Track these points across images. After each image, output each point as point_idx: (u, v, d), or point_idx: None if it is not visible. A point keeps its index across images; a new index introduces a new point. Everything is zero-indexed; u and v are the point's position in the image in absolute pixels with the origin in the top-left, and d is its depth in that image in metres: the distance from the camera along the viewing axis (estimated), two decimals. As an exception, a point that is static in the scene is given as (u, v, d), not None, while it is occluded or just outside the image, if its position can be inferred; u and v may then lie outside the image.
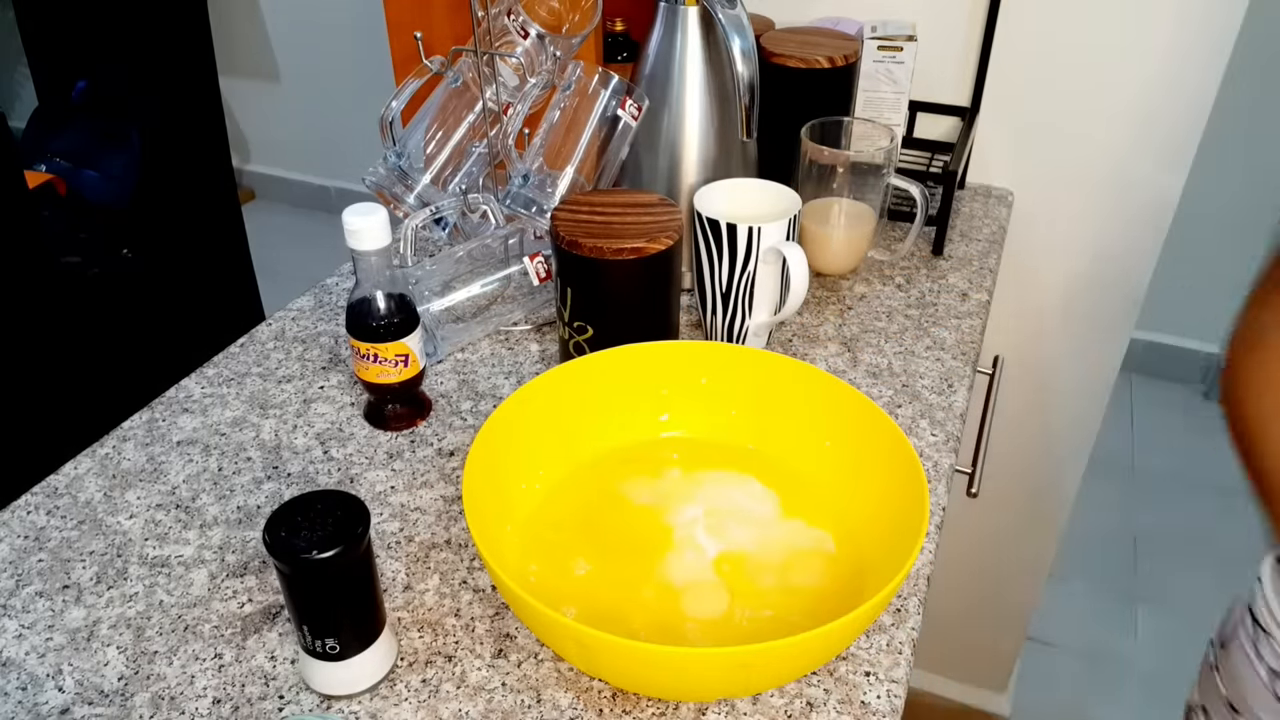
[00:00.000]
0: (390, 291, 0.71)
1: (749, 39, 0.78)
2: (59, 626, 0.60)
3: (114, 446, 0.74)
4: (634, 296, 0.74)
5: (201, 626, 0.60)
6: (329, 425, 0.76)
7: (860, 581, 0.59)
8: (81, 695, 0.56)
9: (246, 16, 2.89)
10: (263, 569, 0.64)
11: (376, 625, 0.55)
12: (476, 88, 0.90)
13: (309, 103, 3.00)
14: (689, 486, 0.67)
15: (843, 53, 0.95)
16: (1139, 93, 1.05)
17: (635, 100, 0.85)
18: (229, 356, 0.84)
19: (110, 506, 0.69)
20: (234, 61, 2.90)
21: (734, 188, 0.81)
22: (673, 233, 0.71)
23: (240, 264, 2.00)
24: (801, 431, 0.67)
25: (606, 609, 0.58)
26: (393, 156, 0.91)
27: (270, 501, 0.69)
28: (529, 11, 0.89)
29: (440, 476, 0.72)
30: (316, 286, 0.94)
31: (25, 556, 0.65)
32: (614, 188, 0.89)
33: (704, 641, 0.56)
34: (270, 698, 0.55)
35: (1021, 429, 1.32)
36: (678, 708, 0.55)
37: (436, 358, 0.83)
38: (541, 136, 0.88)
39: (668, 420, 0.71)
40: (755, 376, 0.68)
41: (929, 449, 0.75)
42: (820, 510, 0.65)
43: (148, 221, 1.79)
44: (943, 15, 1.08)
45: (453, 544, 0.66)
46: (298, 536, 0.49)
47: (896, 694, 0.56)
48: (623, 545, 0.62)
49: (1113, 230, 1.13)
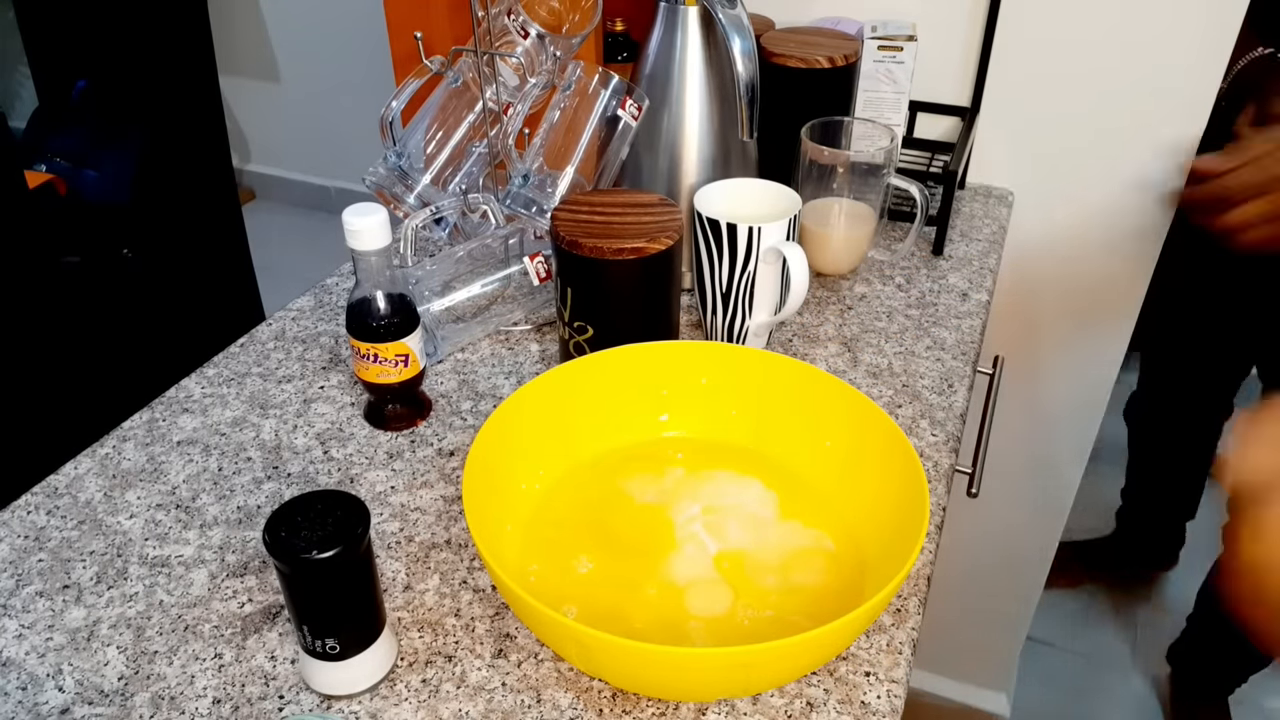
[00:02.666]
0: (390, 291, 0.71)
1: (749, 39, 0.78)
2: (59, 626, 0.60)
3: (114, 446, 0.74)
4: (634, 296, 0.74)
5: (202, 626, 0.60)
6: (329, 425, 0.77)
7: (860, 581, 0.59)
8: (82, 695, 0.56)
9: (247, 16, 2.89)
10: (263, 569, 0.64)
11: (377, 625, 0.55)
12: (477, 88, 0.90)
13: (309, 102, 3.00)
14: (690, 486, 0.67)
15: (843, 53, 0.95)
16: (1140, 92, 1.05)
17: (635, 100, 0.85)
18: (229, 356, 0.85)
19: (110, 506, 0.69)
20: (234, 61, 2.90)
21: (734, 188, 0.81)
22: (673, 233, 0.71)
23: (240, 264, 2.00)
24: (802, 431, 0.67)
25: (608, 607, 0.58)
26: (393, 156, 0.91)
27: (270, 501, 0.69)
28: (529, 11, 0.89)
29: (440, 476, 0.72)
30: (316, 286, 0.94)
31: (25, 556, 0.65)
32: (614, 188, 0.89)
33: (707, 640, 0.56)
34: (270, 698, 0.55)
35: (1022, 429, 1.32)
36: (678, 708, 0.55)
37: (436, 358, 0.83)
38: (541, 136, 0.88)
39: (668, 420, 0.71)
40: (755, 376, 0.68)
41: (929, 449, 0.75)
42: (820, 510, 0.65)
43: (148, 221, 1.79)
44: (943, 15, 1.08)
45: (453, 544, 0.66)
46: (298, 536, 0.49)
47: (896, 694, 0.56)
48: (624, 544, 0.62)
49: (1113, 230, 1.13)
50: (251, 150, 3.23)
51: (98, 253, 1.70)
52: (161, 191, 1.81)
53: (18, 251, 1.41)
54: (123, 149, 1.80)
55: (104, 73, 1.83)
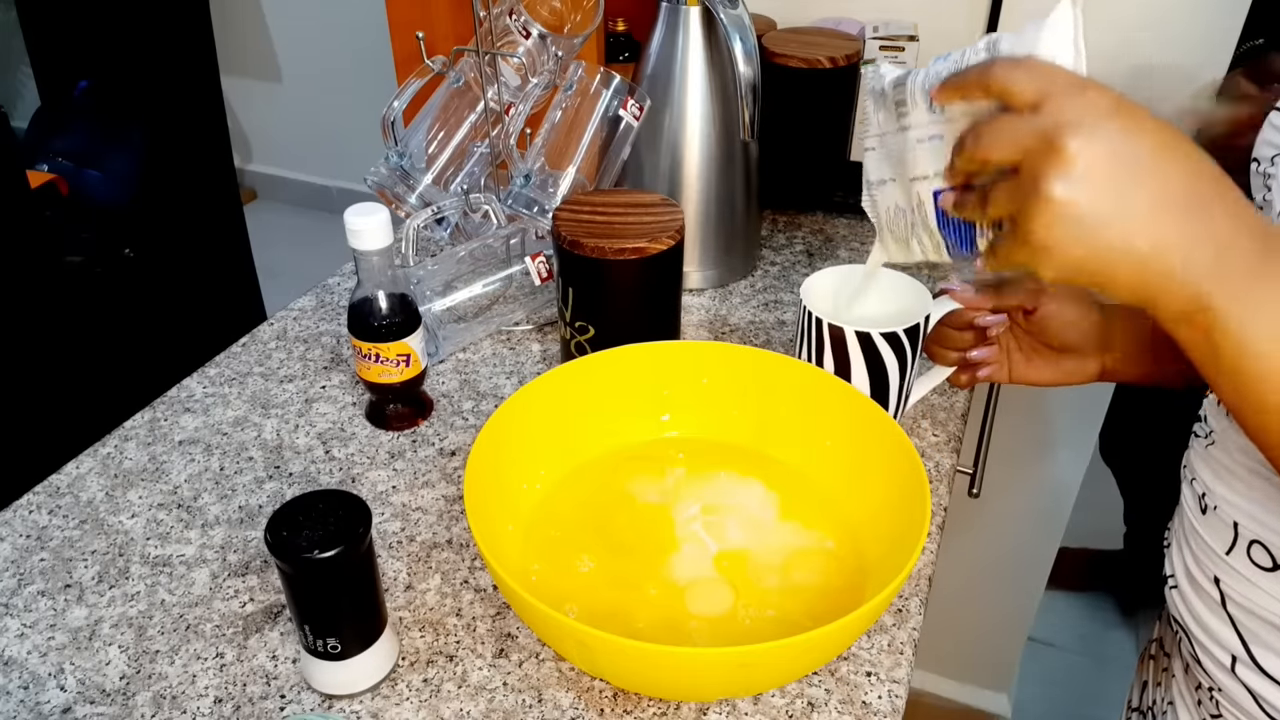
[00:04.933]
0: (392, 291, 0.71)
1: (751, 39, 0.78)
2: (61, 625, 0.60)
3: (116, 446, 0.74)
4: (635, 296, 0.74)
5: (203, 626, 0.60)
6: (330, 425, 0.77)
7: (862, 581, 0.59)
8: (83, 694, 0.56)
9: (248, 16, 2.89)
10: (264, 568, 0.64)
11: (378, 625, 0.55)
12: (478, 87, 0.90)
13: (311, 102, 3.01)
14: (691, 486, 0.67)
15: (844, 53, 0.95)
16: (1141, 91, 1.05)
17: (637, 100, 0.85)
18: (231, 356, 0.85)
19: (112, 506, 0.69)
20: (236, 61, 2.90)
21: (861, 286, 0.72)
22: (674, 233, 0.71)
23: (242, 263, 2.00)
24: (803, 431, 0.67)
25: (610, 607, 0.58)
26: (394, 156, 0.91)
27: (272, 501, 0.69)
28: (531, 11, 0.89)
29: (442, 476, 0.72)
30: (318, 286, 0.94)
31: (27, 556, 0.65)
32: (616, 188, 0.89)
33: (708, 640, 0.56)
34: (272, 697, 0.55)
35: (1023, 429, 1.32)
36: (679, 708, 0.55)
37: (438, 357, 0.83)
38: (543, 136, 0.88)
39: (669, 420, 0.71)
40: (757, 376, 0.68)
41: (931, 449, 0.75)
42: (822, 510, 0.65)
43: (150, 221, 1.79)
44: (944, 15, 1.08)
45: (454, 544, 0.66)
46: (299, 536, 0.49)
47: (898, 694, 0.56)
48: (625, 543, 0.62)
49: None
50: (253, 150, 3.23)
51: (99, 252, 1.71)
52: (163, 191, 1.82)
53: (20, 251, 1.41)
54: (125, 149, 1.80)
55: (106, 73, 1.83)
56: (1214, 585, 0.56)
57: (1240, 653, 0.55)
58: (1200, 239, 0.39)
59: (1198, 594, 0.58)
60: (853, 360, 0.68)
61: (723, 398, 0.70)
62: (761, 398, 0.69)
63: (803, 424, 0.67)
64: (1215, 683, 0.58)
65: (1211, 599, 0.57)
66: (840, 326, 0.67)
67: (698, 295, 0.92)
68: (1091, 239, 0.40)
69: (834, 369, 0.69)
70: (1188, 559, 0.59)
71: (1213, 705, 0.59)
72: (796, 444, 0.68)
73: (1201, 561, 0.58)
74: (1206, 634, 0.57)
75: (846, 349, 0.68)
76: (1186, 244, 0.39)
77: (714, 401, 0.70)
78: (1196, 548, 0.58)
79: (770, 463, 0.68)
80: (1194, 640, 0.59)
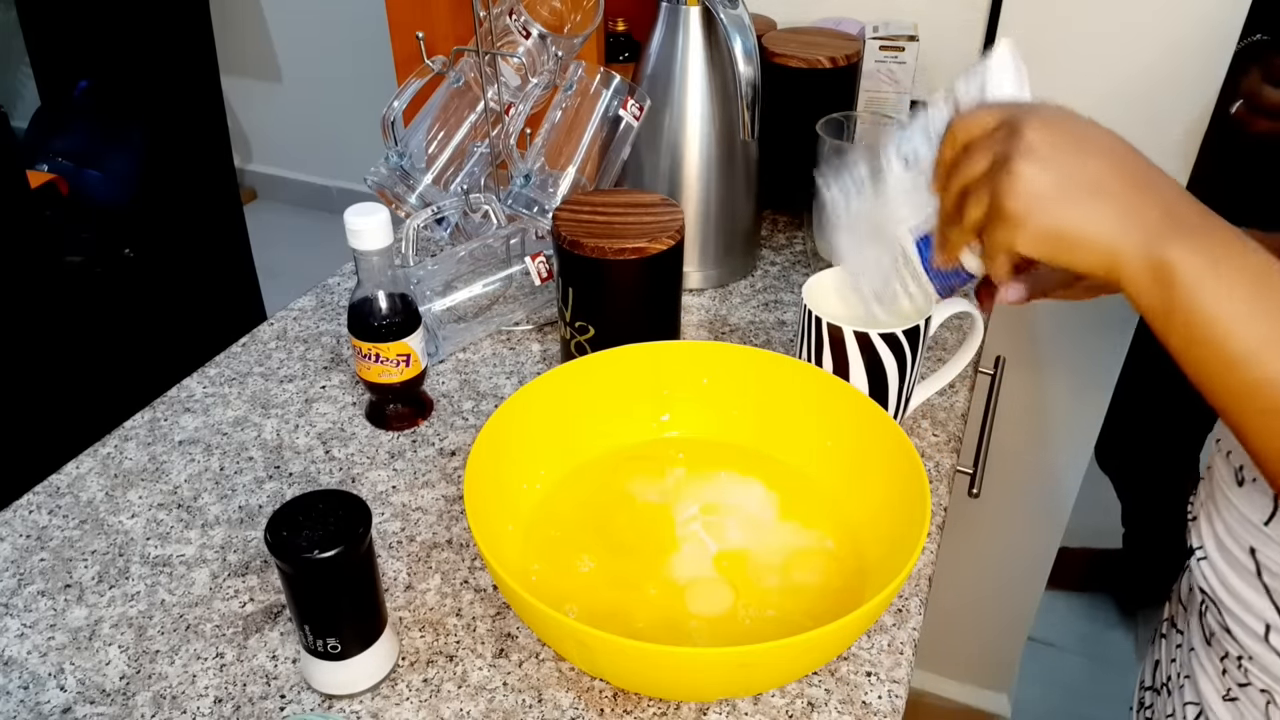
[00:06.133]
0: (392, 291, 0.71)
1: (751, 39, 0.78)
2: (61, 625, 0.60)
3: (116, 446, 0.74)
4: (636, 296, 0.74)
5: (203, 626, 0.60)
6: (330, 425, 0.77)
7: (862, 581, 0.59)
8: (83, 694, 0.56)
9: (248, 16, 2.89)
10: (264, 568, 0.64)
11: (378, 625, 0.55)
12: (478, 87, 0.90)
13: (310, 102, 3.01)
14: (691, 486, 0.67)
15: (845, 52, 0.95)
16: (1141, 92, 1.05)
17: (637, 100, 0.85)
18: (231, 356, 0.85)
19: (112, 506, 0.69)
20: (236, 61, 2.90)
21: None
22: (674, 233, 0.71)
23: (242, 263, 2.00)
24: (803, 431, 0.67)
25: (610, 607, 0.58)
26: (394, 156, 0.91)
27: (272, 501, 0.69)
28: (531, 11, 0.89)
29: (442, 476, 0.72)
30: (318, 286, 0.94)
31: (27, 556, 0.65)
32: (616, 188, 0.89)
33: (708, 640, 0.56)
34: (272, 697, 0.55)
35: (1023, 429, 1.32)
36: (679, 708, 0.55)
37: (438, 357, 0.83)
38: (543, 136, 0.88)
39: (669, 420, 0.71)
40: (757, 376, 0.68)
41: (930, 449, 0.75)
42: (822, 510, 0.65)
43: (150, 221, 1.80)
44: (944, 15, 1.08)
45: (454, 544, 0.66)
46: (299, 536, 0.49)
47: (898, 694, 0.56)
48: (625, 543, 0.62)
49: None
50: (253, 150, 3.23)
51: (99, 252, 1.71)
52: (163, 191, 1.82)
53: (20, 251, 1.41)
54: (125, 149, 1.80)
55: (106, 72, 1.83)
56: (1249, 556, 0.57)
57: (1276, 620, 0.56)
58: (1149, 201, 0.46)
59: (1230, 565, 0.59)
60: (851, 361, 0.68)
61: (723, 398, 0.70)
62: (761, 398, 0.69)
63: (803, 424, 0.67)
64: (1246, 650, 0.59)
65: (1246, 569, 0.58)
66: (839, 326, 0.67)
67: (698, 295, 0.92)
68: (1057, 206, 0.47)
69: (833, 369, 0.69)
70: (1219, 530, 0.60)
71: (1240, 674, 0.60)
72: (796, 444, 0.68)
73: (1236, 533, 0.59)
74: (1239, 603, 0.59)
75: (845, 349, 0.68)
76: (1137, 202, 0.46)
77: (714, 401, 0.70)
78: (1230, 519, 0.59)
79: (770, 463, 0.68)
80: (1224, 610, 0.60)
